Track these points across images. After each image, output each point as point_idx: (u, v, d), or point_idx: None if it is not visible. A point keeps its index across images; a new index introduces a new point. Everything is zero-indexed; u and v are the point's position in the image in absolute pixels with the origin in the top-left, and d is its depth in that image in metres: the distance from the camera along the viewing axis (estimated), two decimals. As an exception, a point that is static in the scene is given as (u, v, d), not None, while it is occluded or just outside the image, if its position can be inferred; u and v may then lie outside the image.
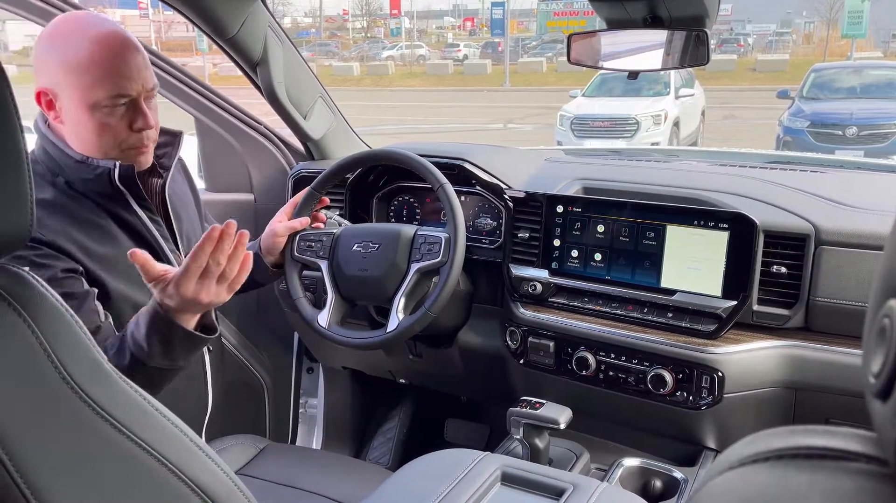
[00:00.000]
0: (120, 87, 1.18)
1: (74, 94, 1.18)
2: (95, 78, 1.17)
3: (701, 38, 1.36)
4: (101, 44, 1.17)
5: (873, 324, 0.36)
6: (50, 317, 0.66)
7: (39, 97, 1.21)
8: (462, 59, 31.34)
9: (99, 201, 1.28)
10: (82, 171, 1.24)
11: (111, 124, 1.21)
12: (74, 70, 1.17)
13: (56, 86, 1.19)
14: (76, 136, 1.23)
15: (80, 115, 1.19)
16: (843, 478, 0.35)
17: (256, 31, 1.69)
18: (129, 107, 1.22)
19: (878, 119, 8.27)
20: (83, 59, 1.16)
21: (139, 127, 1.23)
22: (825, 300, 1.38)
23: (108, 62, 1.17)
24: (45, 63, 1.19)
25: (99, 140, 1.22)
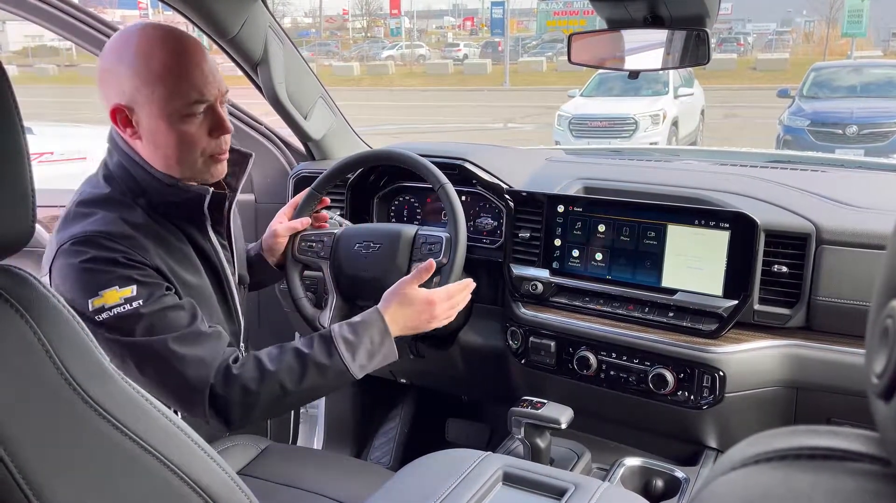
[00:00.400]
0: (198, 92, 1.15)
1: (152, 107, 1.14)
2: (173, 86, 1.13)
3: (701, 38, 1.36)
4: (174, 50, 1.14)
5: (876, 324, 0.36)
6: (51, 317, 0.66)
7: (115, 115, 1.16)
8: (462, 58, 31.33)
9: (179, 224, 1.25)
10: (170, 195, 1.21)
11: (191, 133, 1.17)
12: (150, 81, 1.13)
13: (131, 100, 1.14)
14: (155, 151, 1.18)
15: (159, 127, 1.15)
16: (846, 478, 0.35)
17: (257, 31, 1.69)
18: (207, 113, 1.19)
19: (879, 118, 8.27)
20: (157, 68, 1.12)
21: (219, 133, 1.20)
22: (826, 299, 1.38)
23: (183, 68, 1.14)
24: (116, 78, 1.14)
25: (179, 152, 1.17)
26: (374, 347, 1.25)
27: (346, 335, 1.24)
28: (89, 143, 4.43)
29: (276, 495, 1.29)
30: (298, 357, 1.20)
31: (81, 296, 1.10)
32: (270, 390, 1.16)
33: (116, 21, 1.83)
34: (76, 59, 32.79)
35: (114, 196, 1.19)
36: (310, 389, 1.20)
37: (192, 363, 1.13)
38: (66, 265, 1.12)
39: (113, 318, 1.10)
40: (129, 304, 1.10)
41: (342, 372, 1.22)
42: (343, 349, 1.22)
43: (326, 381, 1.21)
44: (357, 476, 1.42)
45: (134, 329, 1.11)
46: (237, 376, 1.15)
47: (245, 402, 1.15)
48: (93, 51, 1.83)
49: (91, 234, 1.12)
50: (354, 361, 1.22)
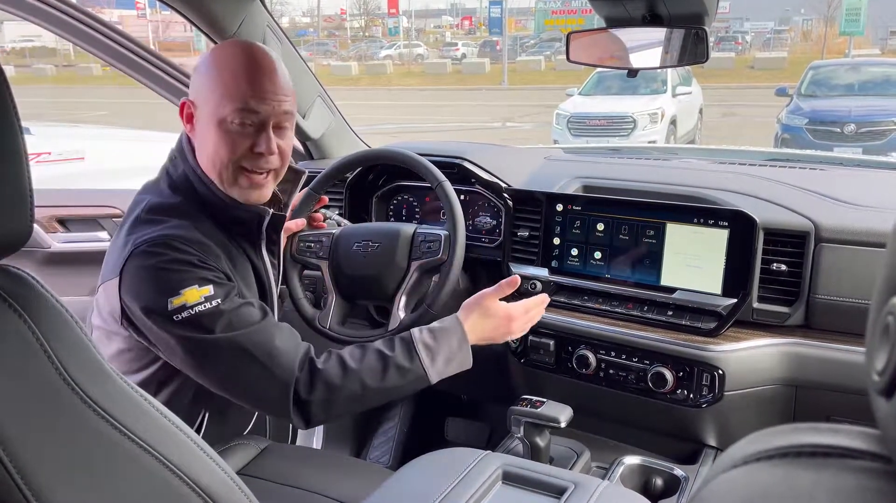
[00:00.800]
0: (247, 104, 1.16)
1: (208, 107, 1.18)
2: (229, 92, 1.16)
3: (700, 36, 1.36)
4: (239, 60, 1.18)
5: (877, 322, 0.36)
6: (50, 317, 0.66)
7: (182, 108, 1.22)
8: (460, 57, 31.33)
9: (238, 241, 1.27)
10: (232, 212, 1.23)
11: (230, 140, 1.18)
12: (213, 84, 1.17)
13: (196, 98, 1.20)
14: (201, 149, 1.22)
15: (209, 128, 1.18)
16: (847, 476, 0.35)
17: (255, 30, 1.69)
18: (257, 129, 1.19)
19: (876, 116, 8.27)
20: (224, 72, 1.17)
21: (259, 151, 1.19)
22: (825, 297, 1.38)
23: (243, 79, 1.16)
24: (195, 79, 1.21)
25: (216, 153, 1.19)
26: (452, 354, 1.27)
27: (427, 340, 1.26)
28: (87, 144, 4.43)
29: (276, 495, 1.29)
30: (381, 358, 1.22)
31: (160, 296, 1.11)
32: (351, 388, 1.19)
33: (114, 21, 1.82)
34: (74, 59, 32.75)
35: (183, 206, 1.21)
36: (388, 390, 1.22)
37: (278, 354, 1.16)
38: (142, 267, 1.13)
39: (194, 317, 1.11)
40: (209, 303, 1.12)
41: (421, 376, 1.24)
42: (423, 354, 1.24)
43: (404, 384, 1.24)
44: (357, 475, 1.41)
45: (214, 326, 1.12)
46: (321, 370, 1.18)
47: (327, 399, 1.18)
48: (91, 50, 1.83)
49: (167, 237, 1.14)
50: (433, 366, 1.25)
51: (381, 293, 1.53)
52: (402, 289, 1.50)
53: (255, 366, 1.14)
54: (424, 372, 1.24)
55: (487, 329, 1.33)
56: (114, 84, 22.89)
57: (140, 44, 1.85)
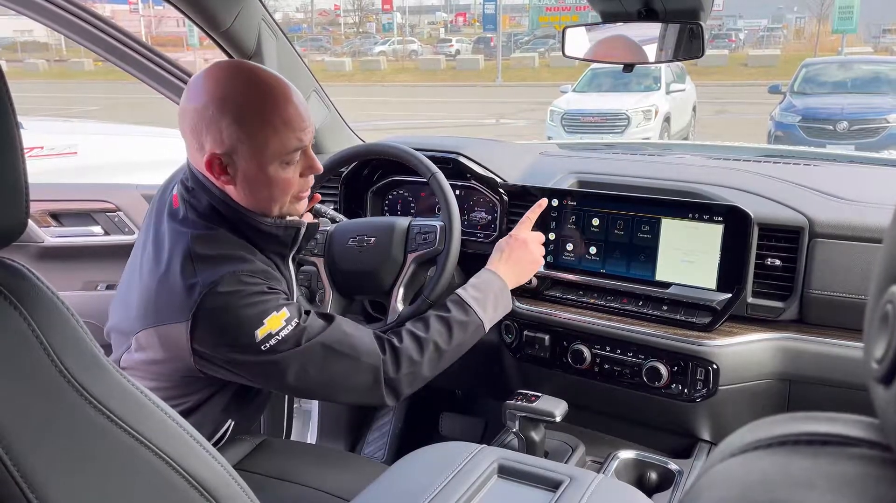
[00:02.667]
0: (297, 139, 1.17)
1: (252, 155, 1.15)
2: (276, 137, 1.14)
3: (695, 32, 1.36)
4: (274, 100, 1.15)
5: (875, 310, 0.36)
6: (46, 310, 0.65)
7: (210, 163, 1.15)
8: (454, 54, 31.31)
9: (271, 256, 1.27)
10: (267, 232, 1.23)
11: (288, 178, 1.19)
12: (253, 132, 1.13)
13: (231, 149, 1.14)
14: (249, 194, 1.19)
15: (258, 174, 1.16)
16: (846, 463, 0.35)
17: (250, 24, 1.68)
18: (302, 155, 1.21)
19: (869, 114, 8.31)
20: (260, 119, 1.13)
21: (310, 173, 1.23)
22: (819, 292, 1.38)
23: (285, 118, 1.15)
24: (216, 126, 1.13)
25: (274, 195, 1.19)
26: (497, 300, 1.42)
27: (475, 294, 1.40)
28: (80, 139, 4.41)
29: (272, 490, 1.29)
30: (442, 321, 1.34)
31: (245, 330, 1.12)
32: (430, 355, 1.29)
33: (106, 16, 1.81)
34: (66, 54, 32.57)
35: (225, 235, 1.20)
36: (457, 346, 1.34)
37: (360, 344, 1.23)
38: (219, 307, 1.12)
39: (280, 342, 1.14)
40: (289, 324, 1.16)
41: (478, 325, 1.37)
42: (475, 306, 1.38)
43: (467, 337, 1.36)
44: (352, 470, 1.42)
45: (301, 342, 1.16)
46: (401, 348, 1.27)
47: (412, 372, 1.27)
48: (86, 44, 1.82)
49: (234, 273, 1.14)
50: (485, 314, 1.39)
51: (377, 287, 1.53)
52: (400, 282, 1.50)
53: (344, 362, 1.20)
54: (481, 320, 1.37)
55: (515, 265, 1.48)
56: (106, 79, 22.79)
57: (135, 38, 1.84)
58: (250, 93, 1.14)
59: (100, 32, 1.78)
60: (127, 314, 1.22)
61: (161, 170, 2.60)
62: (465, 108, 17.10)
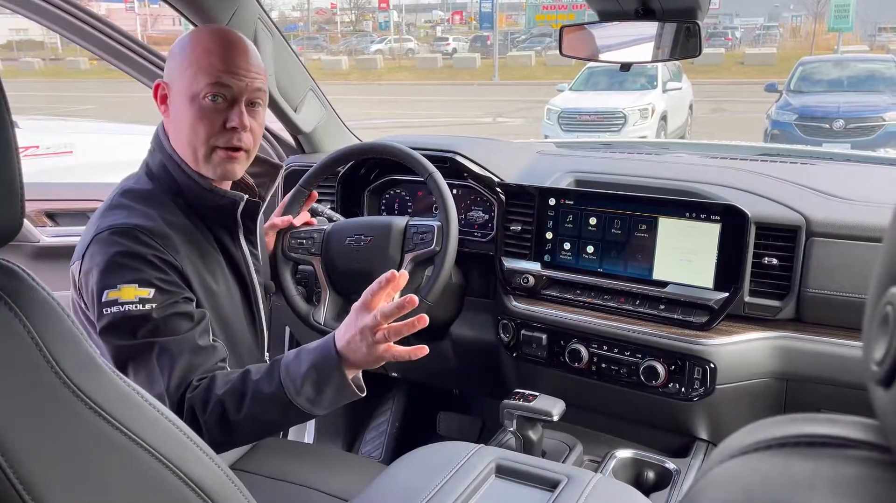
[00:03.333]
0: (219, 78, 1.18)
1: (182, 86, 1.19)
2: (201, 68, 1.18)
3: (692, 30, 1.36)
4: (211, 38, 1.21)
5: (875, 312, 0.36)
6: (41, 310, 0.65)
7: (157, 90, 1.24)
8: (451, 52, 31.27)
9: (213, 230, 1.27)
10: (207, 199, 1.24)
11: (203, 117, 1.19)
12: (186, 63, 1.19)
13: (170, 79, 1.22)
14: (174, 129, 1.23)
15: (182, 105, 1.20)
16: (845, 465, 0.35)
17: (246, 22, 1.68)
18: (229, 104, 1.20)
19: (865, 112, 8.32)
20: (195, 51, 1.19)
21: (232, 125, 1.20)
22: (816, 291, 1.39)
23: (215, 55, 1.18)
24: (168, 61, 1.23)
25: (191, 130, 1.19)
26: (322, 379, 1.09)
27: (292, 364, 1.11)
28: (76, 138, 4.39)
29: (269, 490, 1.29)
30: (243, 381, 1.11)
31: (100, 284, 1.11)
32: (215, 419, 1.09)
33: (102, 15, 1.80)
34: (61, 52, 32.49)
35: (155, 193, 1.22)
36: (252, 420, 1.09)
37: (178, 367, 1.10)
38: (98, 252, 1.13)
39: (119, 315, 1.09)
40: (141, 305, 1.10)
41: (286, 405, 1.09)
42: (287, 379, 1.09)
43: (270, 413, 1.10)
44: (349, 470, 1.41)
45: (137, 330, 1.11)
46: (190, 397, 1.09)
47: (195, 425, 1.05)
48: (81, 43, 1.81)
49: (130, 226, 1.14)
50: (299, 395, 1.09)
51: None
52: (396, 282, 1.50)
53: (154, 378, 1.09)
54: (289, 399, 1.08)
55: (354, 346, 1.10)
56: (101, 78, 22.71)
57: (130, 36, 1.84)
58: (204, 33, 1.22)
59: (96, 31, 1.77)
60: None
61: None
62: (462, 106, 17.09)
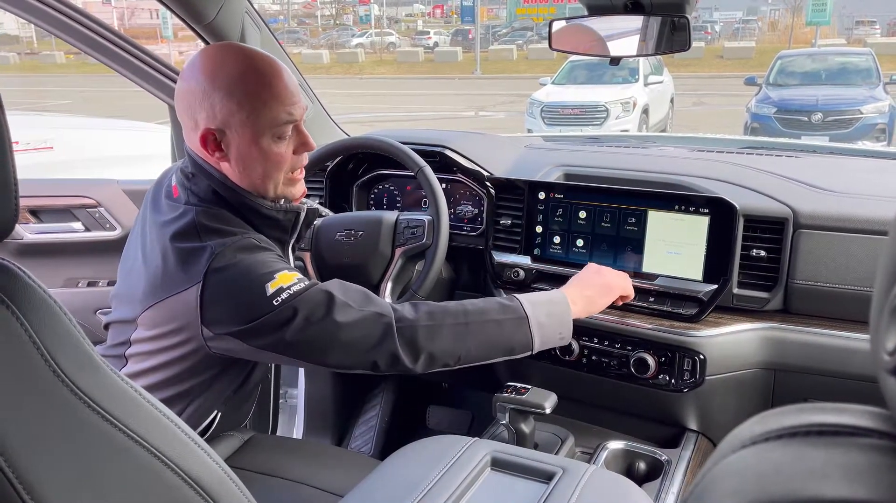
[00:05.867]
0: (288, 113, 1.16)
1: (245, 130, 1.14)
2: (267, 109, 1.14)
3: (680, 24, 1.37)
4: (265, 73, 1.15)
5: (885, 303, 0.37)
6: (38, 309, 0.64)
7: (205, 139, 1.15)
8: (433, 46, 31.19)
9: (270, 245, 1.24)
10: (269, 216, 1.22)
11: (281, 153, 1.18)
12: (244, 104, 1.13)
13: (224, 124, 1.14)
14: (243, 171, 1.18)
15: (251, 148, 1.15)
16: (858, 453, 0.36)
17: (234, 16, 1.66)
18: (294, 132, 1.19)
19: (843, 105, 8.43)
20: (252, 91, 1.13)
21: (304, 150, 1.21)
22: (803, 282, 1.40)
23: (276, 91, 1.14)
24: (209, 101, 1.13)
25: (268, 171, 1.18)
26: (552, 309, 1.29)
27: (528, 296, 1.30)
28: (55, 133, 4.33)
29: (264, 486, 1.28)
30: (476, 300, 1.26)
31: (257, 285, 1.10)
32: (454, 314, 1.21)
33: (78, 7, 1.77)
34: (37, 47, 32.00)
35: (226, 215, 1.19)
36: (488, 323, 1.22)
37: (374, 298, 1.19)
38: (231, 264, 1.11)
39: (292, 297, 1.10)
40: (302, 283, 1.13)
41: (521, 318, 1.24)
42: (524, 300, 1.27)
43: (504, 322, 1.23)
44: (341, 465, 1.41)
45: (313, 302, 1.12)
46: (419, 304, 1.21)
47: (430, 325, 1.18)
48: (61, 35, 1.79)
49: (240, 238, 1.14)
50: (534, 310, 1.26)
51: (366, 282, 1.52)
52: (388, 276, 1.50)
53: (353, 312, 1.14)
54: (525, 313, 1.25)
55: (587, 293, 1.36)
56: (78, 72, 22.41)
57: (112, 29, 1.81)
58: (241, 67, 1.14)
59: (77, 24, 1.75)
60: (131, 299, 1.19)
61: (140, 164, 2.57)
62: (444, 100, 17.07)
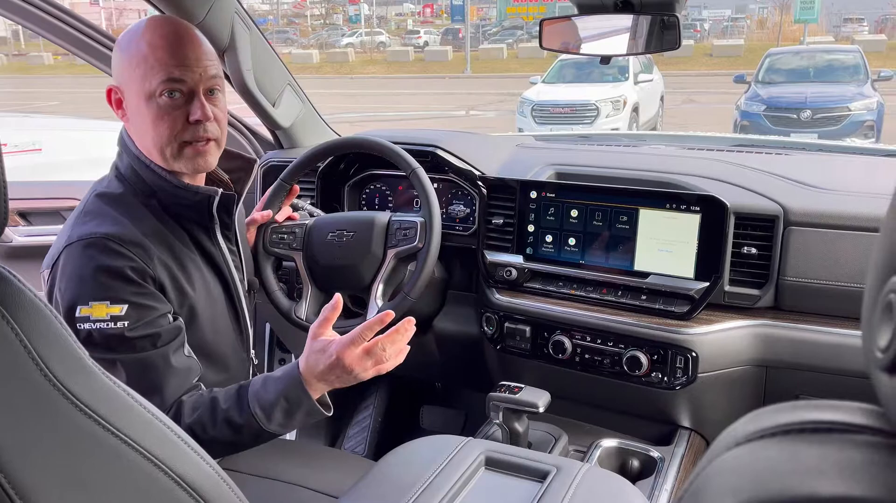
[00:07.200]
0: (172, 73, 1.14)
1: (134, 87, 1.15)
2: (150, 66, 1.13)
3: (668, 23, 1.37)
4: (156, 33, 1.15)
5: (876, 300, 0.37)
6: (28, 312, 0.64)
7: (109, 95, 1.19)
8: (423, 45, 31.15)
9: (188, 228, 1.24)
10: (181, 197, 1.20)
11: (167, 116, 1.16)
12: (134, 62, 1.14)
13: (121, 82, 1.17)
14: (137, 131, 1.19)
15: (140, 107, 1.16)
16: (853, 450, 0.36)
17: (223, 16, 1.65)
18: (187, 98, 1.17)
19: (831, 102, 8.47)
20: (141, 49, 1.14)
21: (196, 118, 1.17)
22: (794, 279, 1.41)
23: (162, 50, 1.14)
24: (115, 62, 1.18)
25: (154, 131, 1.16)
26: (292, 407, 1.13)
27: (262, 394, 1.14)
28: (44, 135, 4.30)
29: (258, 488, 1.28)
30: (213, 411, 1.13)
31: (73, 299, 1.08)
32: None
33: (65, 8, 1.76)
34: (25, 48, 31.79)
35: (127, 196, 1.19)
36: (226, 444, 1.14)
37: (153, 389, 1.11)
38: (69, 264, 1.10)
39: (93, 332, 1.08)
40: (114, 323, 1.08)
41: (258, 432, 1.13)
42: (258, 409, 1.12)
43: (243, 439, 1.14)
44: (336, 466, 1.41)
45: (108, 349, 1.09)
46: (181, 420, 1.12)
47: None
48: (48, 36, 1.78)
49: (101, 235, 1.11)
50: (270, 422, 1.13)
51: (357, 283, 1.53)
52: (379, 277, 1.50)
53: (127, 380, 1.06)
54: (261, 427, 1.12)
55: (324, 370, 1.14)
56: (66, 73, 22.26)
57: (101, 30, 1.80)
58: (146, 29, 1.16)
59: (64, 25, 1.74)
60: None
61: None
62: (435, 99, 17.06)
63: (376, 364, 1.15)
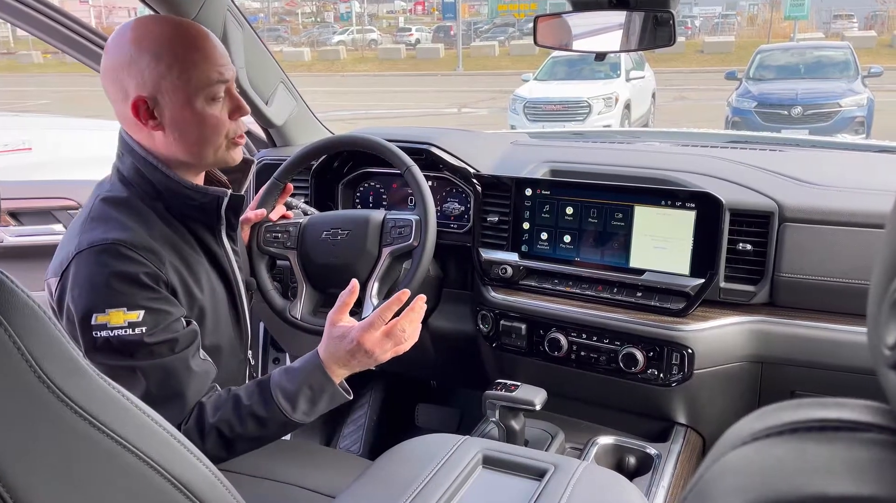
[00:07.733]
0: (218, 73, 1.14)
1: (177, 93, 1.12)
2: (198, 69, 1.12)
3: (661, 19, 1.37)
4: (192, 35, 1.13)
5: (883, 298, 0.37)
6: (22, 314, 0.63)
7: (136, 107, 1.12)
8: (414, 43, 31.10)
9: (194, 229, 1.22)
10: (190, 198, 1.18)
11: (216, 115, 1.15)
12: (174, 66, 1.10)
13: (155, 90, 1.11)
14: (180, 138, 1.15)
15: (185, 112, 1.13)
16: (860, 448, 0.36)
17: (216, 13, 1.64)
18: (227, 95, 1.17)
19: (822, 98, 8.51)
20: (181, 53, 1.11)
21: (239, 114, 1.18)
22: (789, 275, 1.41)
23: (204, 51, 1.13)
24: (137, 69, 1.11)
25: (206, 135, 1.15)
26: (315, 394, 1.16)
27: (285, 384, 1.16)
28: (34, 134, 4.27)
29: (254, 488, 1.27)
30: (236, 408, 1.14)
31: (89, 307, 1.07)
32: (213, 443, 1.13)
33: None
34: (14, 46, 31.58)
35: (132, 200, 1.17)
36: (252, 439, 1.16)
37: (175, 395, 1.12)
38: (81, 272, 1.08)
39: (111, 339, 1.07)
40: (131, 329, 1.07)
41: (284, 422, 1.16)
42: (282, 400, 1.15)
43: (269, 432, 1.17)
44: (331, 465, 1.40)
45: (127, 355, 1.08)
46: (185, 429, 1.12)
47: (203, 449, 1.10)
48: (37, 34, 1.76)
49: (111, 241, 1.09)
50: (295, 411, 1.15)
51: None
52: (374, 276, 1.49)
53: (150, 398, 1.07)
54: (287, 418, 1.15)
55: (343, 355, 1.18)
56: (55, 72, 22.12)
57: (91, 28, 1.78)
58: (167, 31, 1.13)
59: (54, 23, 1.72)
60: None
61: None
62: (427, 97, 17.04)
63: (396, 345, 1.21)
